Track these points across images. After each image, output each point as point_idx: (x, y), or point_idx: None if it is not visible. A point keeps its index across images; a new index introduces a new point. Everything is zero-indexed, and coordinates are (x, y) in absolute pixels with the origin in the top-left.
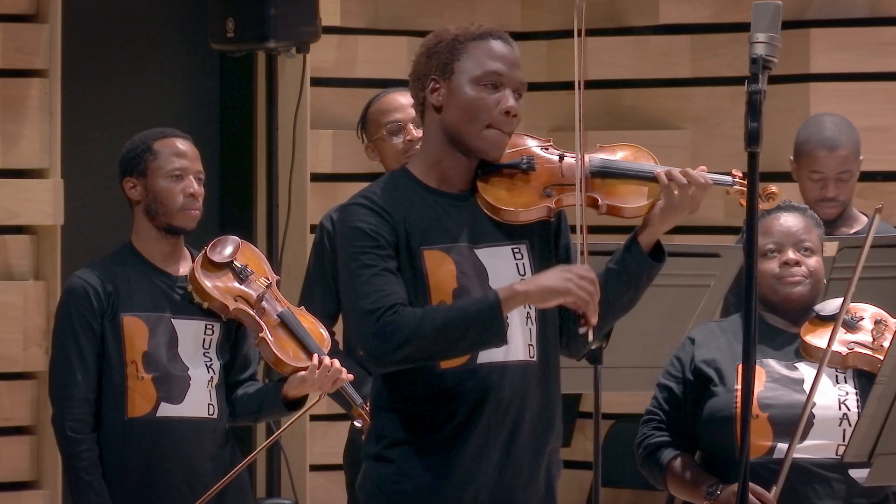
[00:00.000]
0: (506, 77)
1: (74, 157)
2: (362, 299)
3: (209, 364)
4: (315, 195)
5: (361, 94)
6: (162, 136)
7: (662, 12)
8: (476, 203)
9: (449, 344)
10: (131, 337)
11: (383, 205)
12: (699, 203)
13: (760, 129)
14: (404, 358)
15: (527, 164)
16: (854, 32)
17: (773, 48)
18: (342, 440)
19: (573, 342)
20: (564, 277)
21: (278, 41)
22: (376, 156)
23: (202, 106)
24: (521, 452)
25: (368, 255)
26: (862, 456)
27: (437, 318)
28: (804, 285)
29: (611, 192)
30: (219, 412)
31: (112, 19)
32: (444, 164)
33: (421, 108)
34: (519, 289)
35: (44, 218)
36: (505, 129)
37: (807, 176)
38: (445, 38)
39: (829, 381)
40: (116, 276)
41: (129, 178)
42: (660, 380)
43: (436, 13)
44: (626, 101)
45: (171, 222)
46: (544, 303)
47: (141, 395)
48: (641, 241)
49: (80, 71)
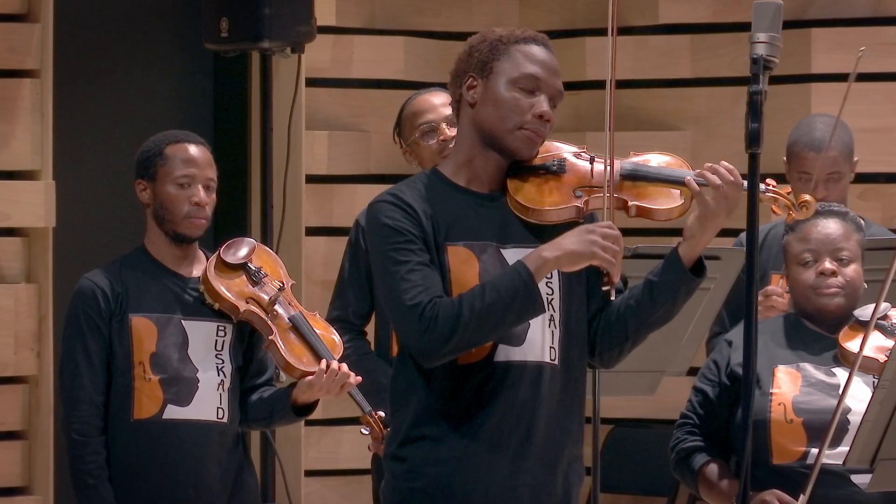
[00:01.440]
0: (543, 82)
1: (66, 159)
2: (400, 296)
3: (220, 367)
4: (310, 197)
5: (357, 94)
6: (175, 140)
7: (662, 12)
8: (506, 204)
9: (492, 326)
10: (139, 338)
11: (409, 201)
12: (735, 203)
13: (761, 131)
14: (452, 349)
15: (558, 166)
16: (856, 32)
17: (774, 48)
18: (338, 445)
19: (605, 352)
20: (589, 240)
21: (273, 41)
22: (414, 160)
23: (196, 107)
24: (535, 454)
25: (400, 252)
26: (864, 461)
27: (476, 303)
28: (840, 297)
29: (641, 195)
30: (229, 416)
31: (104, 19)
32: (476, 162)
33: (457, 106)
34: (548, 256)
35: (35, 220)
36: (537, 132)
37: (796, 177)
38: (490, 37)
39: (865, 388)
40: (126, 277)
41: (140, 181)
42: (696, 383)
43: (433, 12)
44: (625, 101)
45: (177, 230)
46: (572, 266)
47: (148, 396)
48: (682, 253)
49: (73, 71)
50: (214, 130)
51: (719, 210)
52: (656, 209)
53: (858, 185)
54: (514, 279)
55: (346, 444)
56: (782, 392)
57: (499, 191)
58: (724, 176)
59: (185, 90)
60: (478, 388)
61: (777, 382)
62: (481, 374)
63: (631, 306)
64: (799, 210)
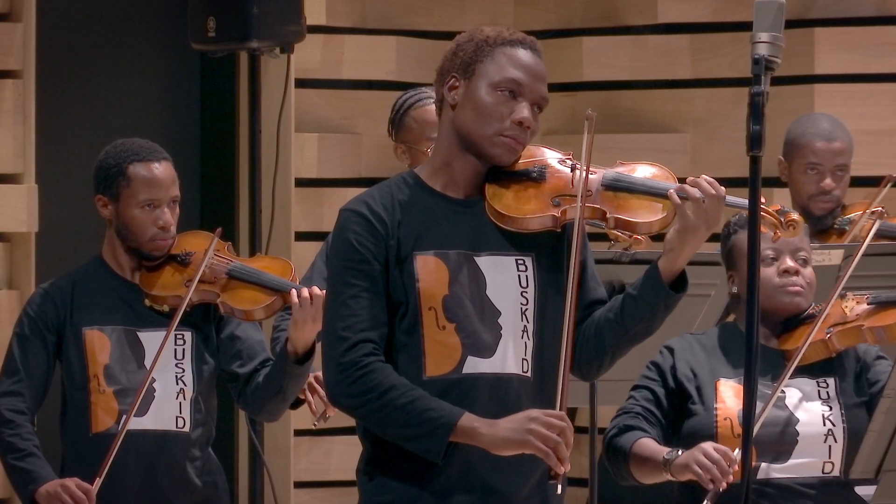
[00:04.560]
0: (525, 88)
1: (49, 162)
2: (337, 322)
3: (180, 375)
4: (300, 201)
5: (348, 95)
6: (137, 158)
7: (661, 11)
8: (483, 210)
9: (389, 427)
10: (93, 351)
11: (379, 211)
12: (717, 219)
13: (763, 133)
14: (349, 409)
15: (537, 173)
16: (860, 32)
17: (776, 48)
18: (327, 456)
19: (584, 365)
20: (526, 429)
21: (261, 41)
22: (407, 159)
23: (182, 108)
24: (508, 468)
25: (351, 271)
26: (869, 472)
27: (398, 400)
28: (803, 296)
29: (621, 207)
30: (191, 425)
31: (88, 18)
32: (454, 165)
33: (439, 105)
34: (482, 431)
35: (17, 225)
36: (517, 139)
37: (802, 170)
38: (476, 37)
39: (812, 396)
40: (81, 290)
41: (101, 197)
42: (637, 383)
43: (425, 12)
44: (623, 103)
45: (140, 250)
46: (499, 451)
47: (103, 409)
48: (662, 267)
49: (56, 72)
50: (201, 133)
51: (699, 223)
52: (636, 222)
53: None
54: (441, 415)
55: (336, 455)
56: (727, 406)
57: (476, 196)
58: (706, 189)
59: (171, 91)
60: (447, 399)
61: (720, 397)
62: (449, 387)
63: (610, 319)
64: (786, 229)
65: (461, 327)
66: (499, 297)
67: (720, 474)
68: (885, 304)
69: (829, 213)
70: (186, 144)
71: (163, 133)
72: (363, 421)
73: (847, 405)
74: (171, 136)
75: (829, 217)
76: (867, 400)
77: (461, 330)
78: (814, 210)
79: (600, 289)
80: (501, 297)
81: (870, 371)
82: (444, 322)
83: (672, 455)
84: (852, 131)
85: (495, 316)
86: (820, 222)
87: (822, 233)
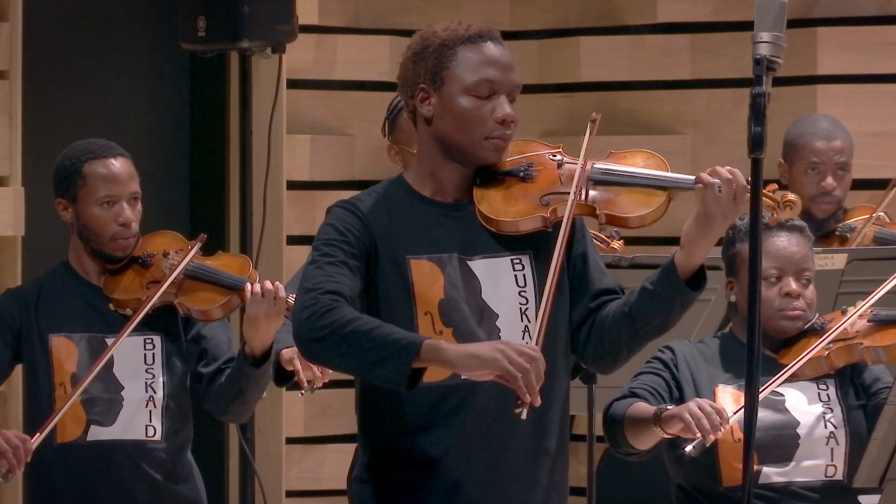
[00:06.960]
0: (499, 83)
1: (36, 164)
2: (309, 280)
3: (150, 382)
4: (291, 204)
5: (340, 96)
6: (92, 156)
7: (660, 10)
8: (473, 213)
9: (354, 356)
10: (59, 358)
11: (366, 211)
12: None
13: (764, 134)
14: (315, 345)
15: (525, 172)
16: (863, 32)
17: (778, 48)
18: (319, 464)
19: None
20: (497, 348)
21: (252, 41)
22: (400, 161)
23: (172, 109)
24: (508, 476)
25: (331, 245)
26: (873, 480)
27: (363, 326)
28: (802, 319)
29: (611, 202)
30: (163, 433)
31: (76, 18)
32: (439, 173)
33: (412, 116)
34: (447, 348)
35: (4, 228)
36: (503, 137)
37: (803, 171)
38: (433, 41)
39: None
40: (48, 295)
41: (60, 200)
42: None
43: (420, 11)
44: (622, 103)
45: (103, 250)
46: (466, 371)
47: (71, 418)
48: (679, 262)
49: (43, 72)
50: (191, 134)
51: (714, 213)
52: (627, 217)
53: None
54: (405, 338)
55: (329, 464)
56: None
57: (465, 199)
58: (722, 174)
59: (160, 92)
60: (444, 405)
61: (719, 402)
62: (447, 393)
63: (625, 313)
64: (783, 210)
65: (458, 331)
66: (495, 299)
67: (710, 427)
68: (885, 323)
69: (832, 216)
70: (176, 146)
71: (152, 135)
72: (329, 358)
73: (848, 407)
74: (160, 137)
75: (831, 220)
76: (864, 403)
77: (458, 334)
78: (816, 212)
79: (606, 278)
80: (498, 300)
81: (862, 375)
82: (440, 327)
83: (663, 408)
84: (855, 133)
85: (493, 319)
86: (822, 226)
87: (824, 238)
